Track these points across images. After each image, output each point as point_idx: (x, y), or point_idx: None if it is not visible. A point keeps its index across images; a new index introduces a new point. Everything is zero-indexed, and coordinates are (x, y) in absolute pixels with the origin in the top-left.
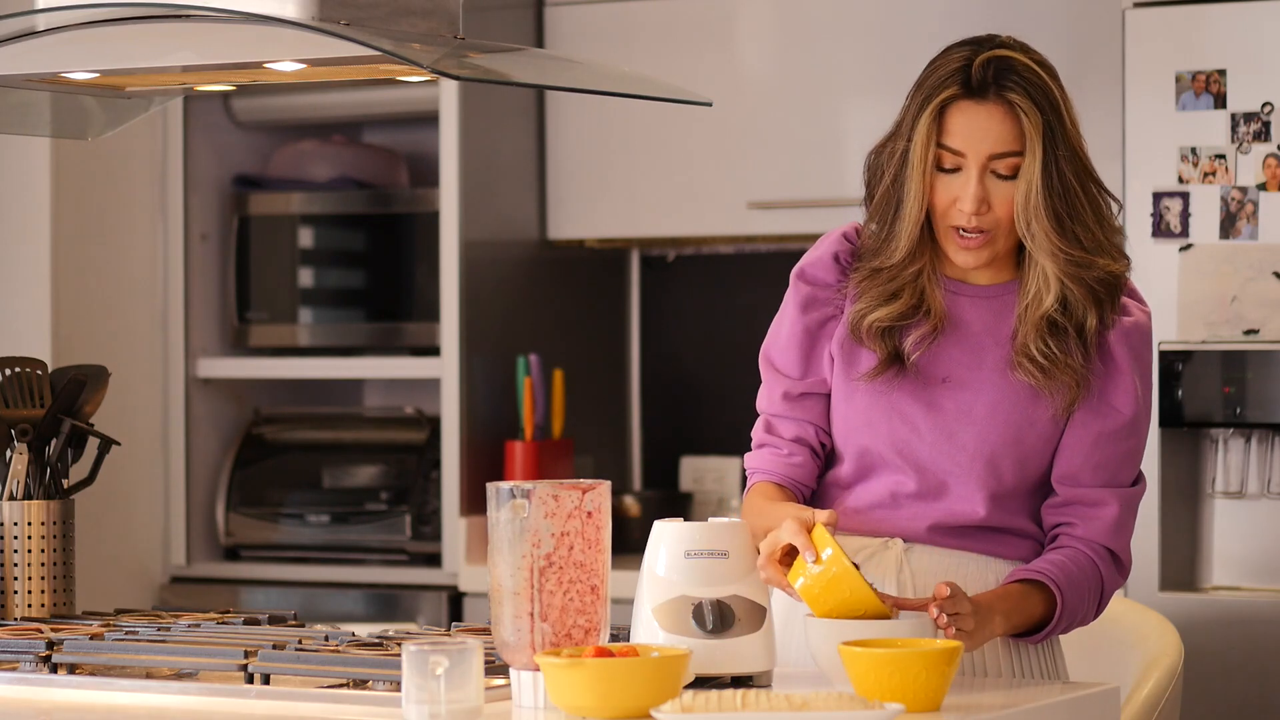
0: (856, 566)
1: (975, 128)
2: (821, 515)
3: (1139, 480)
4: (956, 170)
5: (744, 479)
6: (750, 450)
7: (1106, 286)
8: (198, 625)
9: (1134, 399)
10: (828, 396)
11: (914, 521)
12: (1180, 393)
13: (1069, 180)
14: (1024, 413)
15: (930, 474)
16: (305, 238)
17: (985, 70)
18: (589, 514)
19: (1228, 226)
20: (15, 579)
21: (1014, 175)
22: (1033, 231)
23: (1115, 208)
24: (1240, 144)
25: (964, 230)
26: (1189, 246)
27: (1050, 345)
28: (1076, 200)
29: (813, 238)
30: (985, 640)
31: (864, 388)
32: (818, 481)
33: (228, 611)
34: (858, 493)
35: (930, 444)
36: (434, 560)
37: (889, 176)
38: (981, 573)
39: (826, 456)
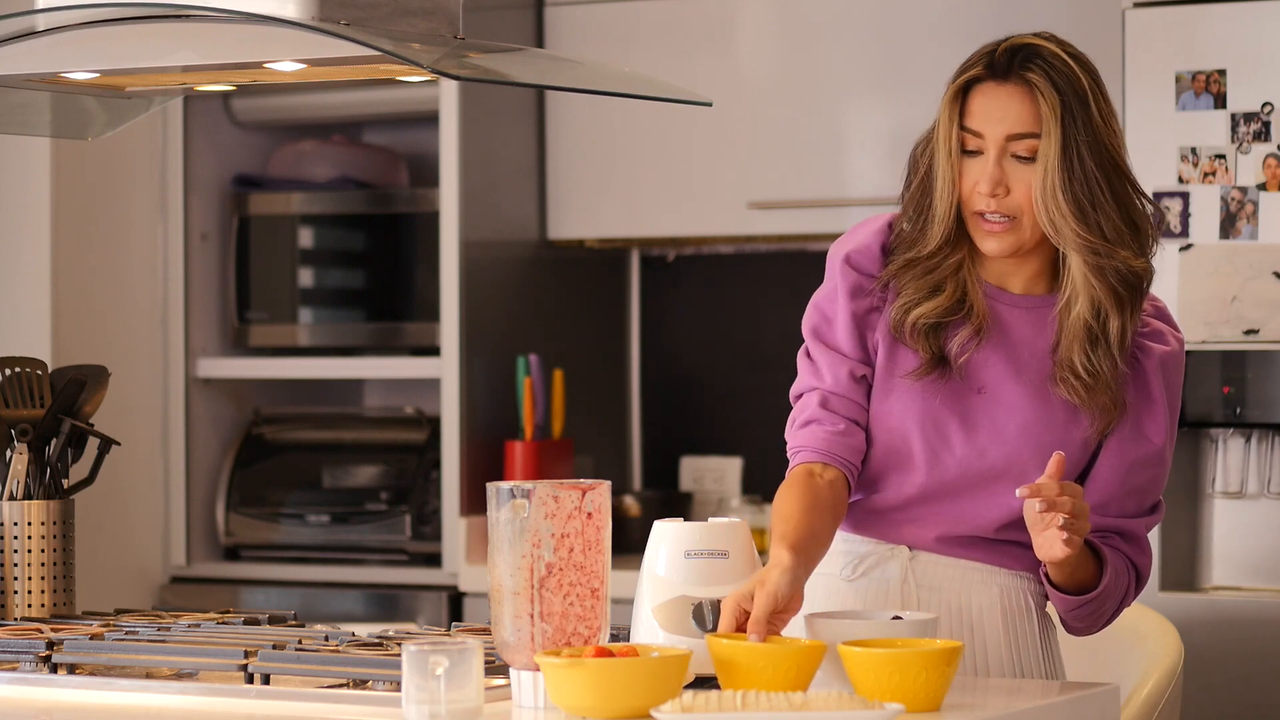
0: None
1: (993, 108)
2: (758, 614)
3: (1159, 507)
4: (978, 153)
5: (745, 478)
6: (794, 428)
7: (1128, 286)
8: (198, 625)
9: (1165, 428)
10: (870, 389)
11: (925, 529)
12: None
13: (1090, 168)
14: (1057, 435)
15: (953, 485)
16: (305, 238)
17: (1011, 54)
18: (589, 514)
19: (1228, 226)
20: (15, 579)
21: (1033, 157)
22: (1053, 219)
23: (1155, 216)
24: (1240, 144)
25: (987, 215)
26: (1189, 246)
27: (1093, 360)
28: (1098, 189)
29: (813, 238)
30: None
31: (901, 389)
32: None
33: (228, 611)
34: (874, 492)
35: (959, 458)
36: (434, 560)
37: (924, 166)
38: (986, 583)
39: None
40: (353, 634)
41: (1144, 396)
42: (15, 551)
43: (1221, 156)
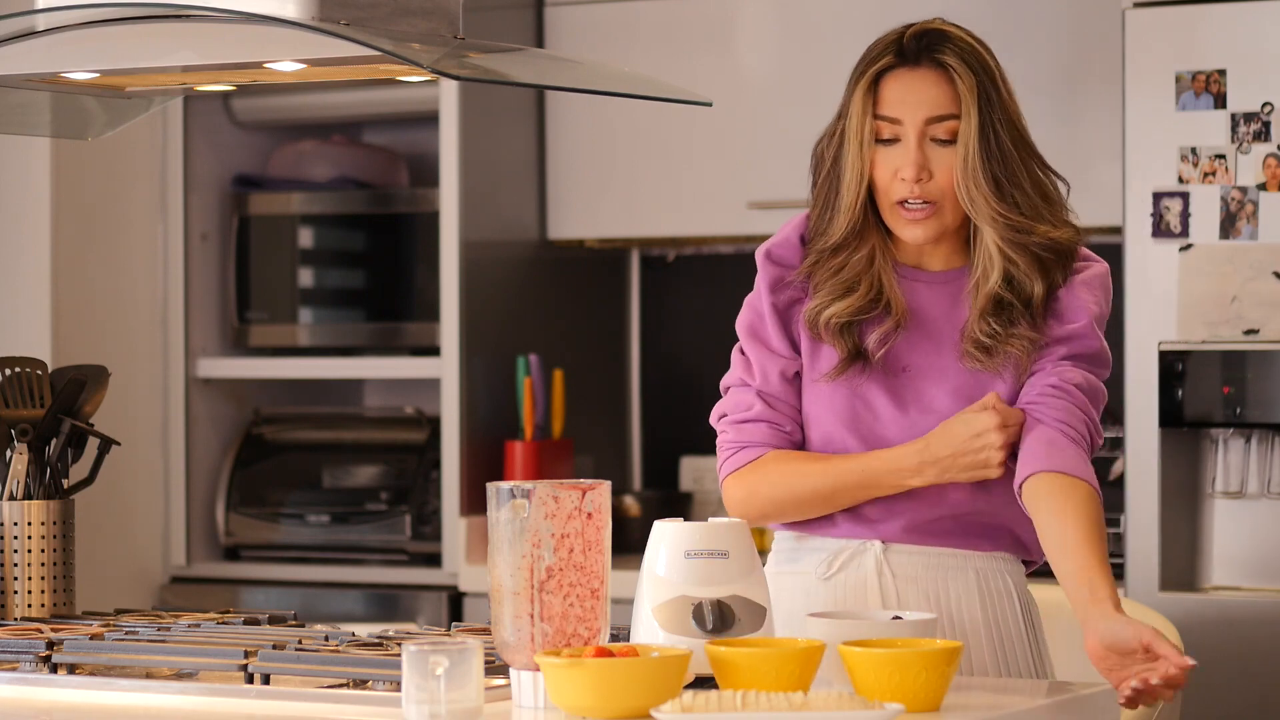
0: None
1: (910, 93)
2: None
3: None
4: (895, 141)
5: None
6: (734, 422)
7: (1054, 253)
8: (198, 625)
9: (1088, 314)
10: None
11: (890, 517)
12: (1180, 393)
13: (1006, 146)
14: (987, 382)
15: None
16: (305, 238)
17: (918, 39)
18: (589, 515)
19: (1228, 226)
20: (15, 579)
21: (953, 139)
22: (973, 198)
23: (1064, 189)
24: (1240, 144)
25: (909, 202)
26: (1189, 246)
27: (993, 324)
28: (1015, 166)
29: None
30: None
31: (824, 383)
32: None
33: (228, 611)
34: None
35: (895, 435)
36: (434, 560)
37: (830, 159)
38: (962, 568)
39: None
40: (353, 634)
41: (1065, 311)
42: (15, 551)
43: (1221, 156)
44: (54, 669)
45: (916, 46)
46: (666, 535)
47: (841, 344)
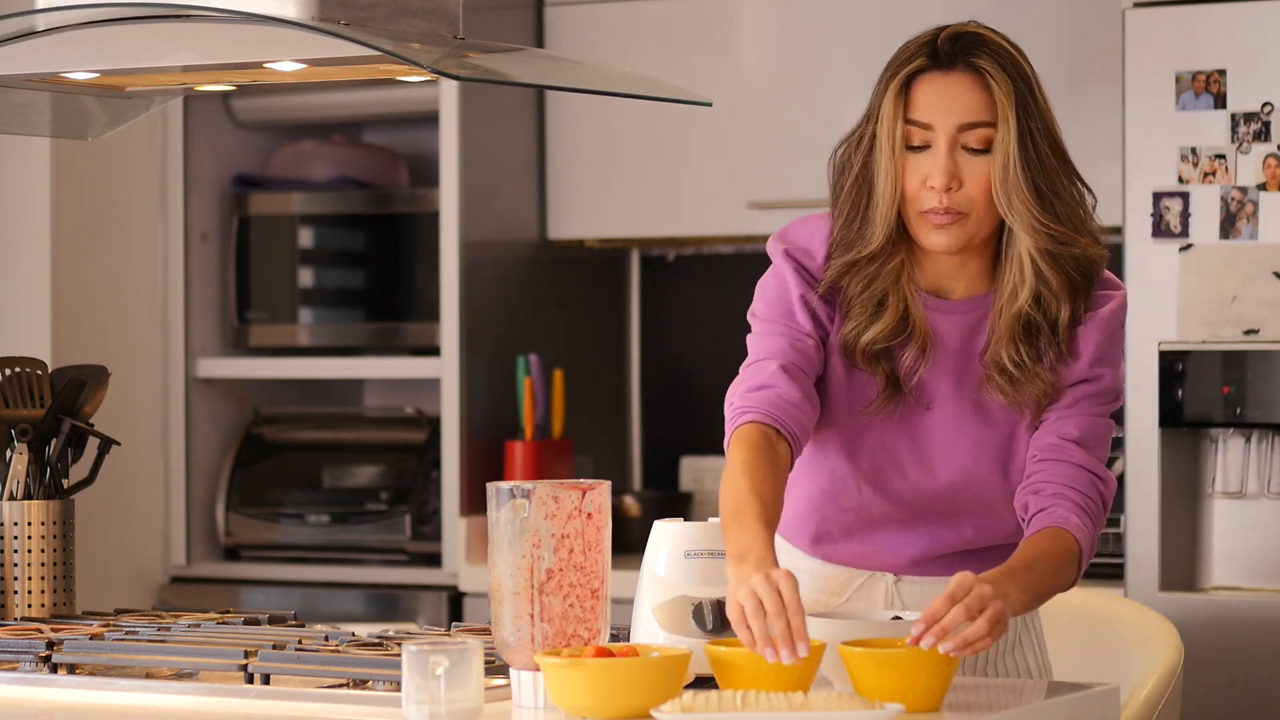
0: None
1: (942, 97)
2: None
3: (1108, 424)
4: (925, 148)
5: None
6: (744, 390)
7: (1083, 273)
8: (198, 625)
9: (1100, 352)
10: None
11: (897, 554)
12: (1180, 393)
13: (1045, 154)
14: (1006, 436)
15: (910, 505)
16: (305, 238)
17: (952, 42)
18: (589, 515)
19: (1228, 226)
20: (15, 579)
21: (985, 149)
22: (1013, 206)
23: (1090, 201)
24: (1240, 144)
25: (936, 212)
26: (1189, 246)
27: (1022, 351)
28: (1055, 175)
29: None
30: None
31: (853, 418)
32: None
33: (228, 611)
34: (827, 517)
35: (913, 481)
36: (434, 560)
37: (858, 164)
38: None
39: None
40: (353, 634)
41: (1082, 351)
42: (15, 551)
43: (1221, 156)
44: (54, 669)
45: (951, 49)
46: (666, 535)
47: (880, 372)
